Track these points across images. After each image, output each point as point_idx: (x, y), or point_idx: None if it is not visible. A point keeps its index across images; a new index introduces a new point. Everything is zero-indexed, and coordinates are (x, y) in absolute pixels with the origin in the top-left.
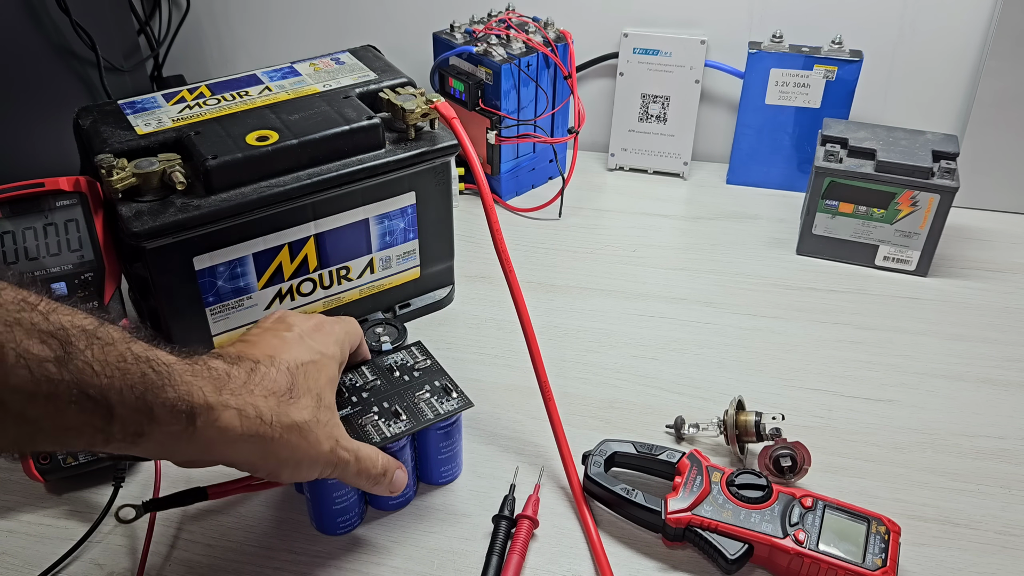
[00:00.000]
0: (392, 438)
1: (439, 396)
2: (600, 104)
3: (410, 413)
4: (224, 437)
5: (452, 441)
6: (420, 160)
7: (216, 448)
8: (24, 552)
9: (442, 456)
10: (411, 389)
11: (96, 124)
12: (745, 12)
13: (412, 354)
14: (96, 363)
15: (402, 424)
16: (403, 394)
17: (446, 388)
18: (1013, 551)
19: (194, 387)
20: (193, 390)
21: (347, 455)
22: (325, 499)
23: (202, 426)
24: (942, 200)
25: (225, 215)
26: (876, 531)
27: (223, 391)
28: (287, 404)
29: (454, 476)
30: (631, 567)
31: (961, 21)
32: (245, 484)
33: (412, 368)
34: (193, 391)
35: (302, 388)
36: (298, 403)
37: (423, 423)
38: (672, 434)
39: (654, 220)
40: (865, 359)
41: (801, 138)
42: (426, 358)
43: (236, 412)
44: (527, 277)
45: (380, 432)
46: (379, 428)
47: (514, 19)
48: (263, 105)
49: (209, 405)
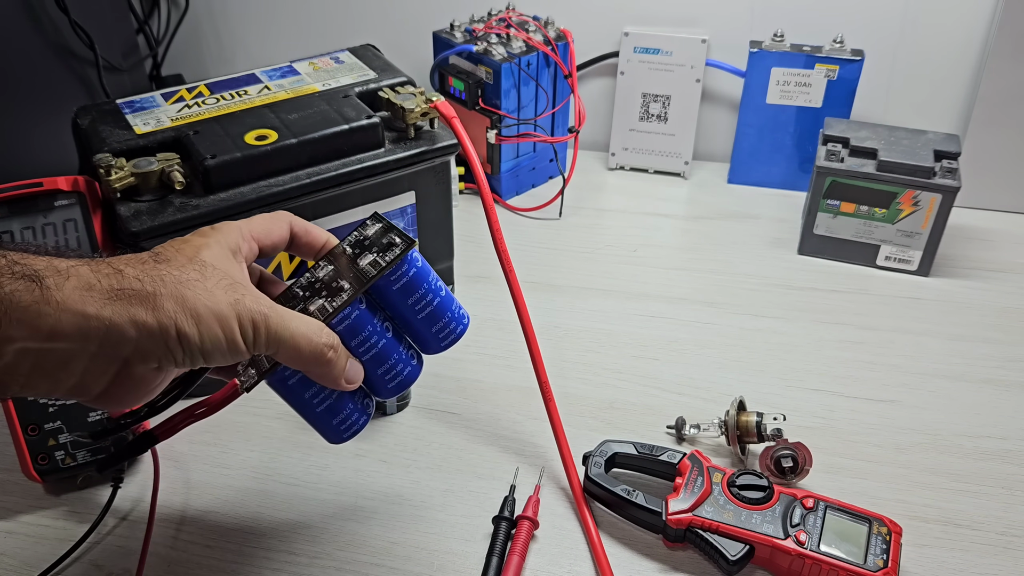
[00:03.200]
0: (335, 311)
1: (383, 252)
2: (600, 103)
3: (354, 281)
4: (88, 300)
5: (423, 292)
6: (420, 160)
7: (89, 314)
8: (23, 553)
9: (421, 315)
10: (357, 259)
11: (95, 123)
12: (746, 11)
13: (364, 227)
14: None
15: (344, 293)
16: (350, 267)
17: (390, 242)
18: (1015, 552)
19: (32, 258)
20: (31, 260)
21: (262, 308)
22: (303, 403)
23: (55, 287)
24: (944, 200)
25: (224, 215)
26: (877, 532)
27: (67, 258)
28: (153, 266)
29: (455, 333)
30: (632, 568)
31: (962, 20)
32: (191, 413)
33: (363, 241)
34: (31, 260)
35: (170, 255)
36: (168, 264)
37: (366, 283)
38: (673, 435)
39: (655, 220)
40: (867, 359)
41: (802, 137)
42: (377, 222)
43: (88, 269)
44: (527, 277)
45: (324, 312)
46: (324, 310)
47: (514, 18)
48: (262, 104)
49: (55, 267)
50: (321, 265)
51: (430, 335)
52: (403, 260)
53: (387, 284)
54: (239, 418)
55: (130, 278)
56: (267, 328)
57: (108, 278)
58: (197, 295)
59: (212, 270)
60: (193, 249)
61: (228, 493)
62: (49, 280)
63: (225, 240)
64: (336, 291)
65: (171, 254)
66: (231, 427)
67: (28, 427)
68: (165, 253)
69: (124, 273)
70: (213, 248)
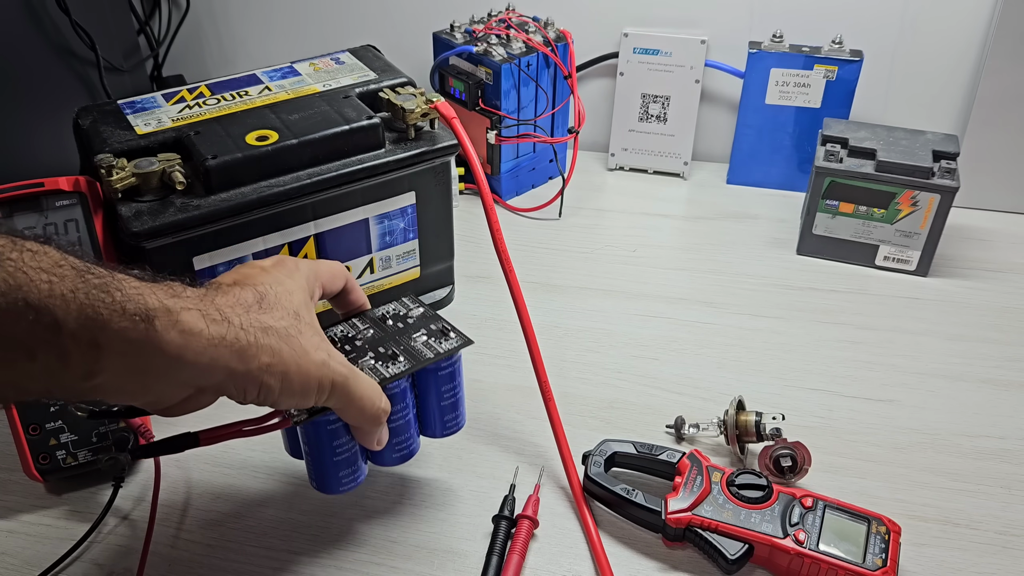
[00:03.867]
0: (392, 378)
1: (436, 338)
2: (600, 104)
3: (408, 355)
4: (192, 344)
5: (455, 384)
6: (420, 160)
7: (187, 359)
8: (24, 552)
9: (445, 403)
10: (406, 334)
11: (96, 124)
12: (745, 12)
13: (404, 304)
14: (29, 269)
15: (401, 364)
16: (399, 339)
17: (443, 330)
18: (1013, 551)
19: (145, 291)
20: (145, 293)
21: (344, 370)
22: (325, 449)
23: (163, 329)
24: (942, 200)
25: (225, 215)
26: (876, 531)
27: (180, 296)
28: (258, 312)
29: (458, 426)
30: (631, 567)
31: (962, 20)
32: (238, 428)
33: (406, 316)
34: (145, 294)
35: (273, 302)
36: (272, 313)
37: (423, 362)
38: (672, 434)
39: (654, 220)
40: (865, 359)
41: (801, 138)
42: (418, 306)
43: (199, 313)
44: (527, 277)
45: (379, 374)
46: (377, 371)
47: (514, 19)
48: (263, 105)
49: (166, 307)
50: (358, 324)
51: (441, 422)
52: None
53: (435, 368)
54: None
55: (235, 328)
56: (343, 389)
57: (215, 325)
58: (293, 351)
59: (307, 326)
60: (289, 297)
61: (229, 493)
62: (159, 322)
63: (307, 285)
64: (389, 358)
65: (273, 301)
66: None
67: (29, 427)
68: (268, 299)
69: (232, 322)
70: (300, 294)
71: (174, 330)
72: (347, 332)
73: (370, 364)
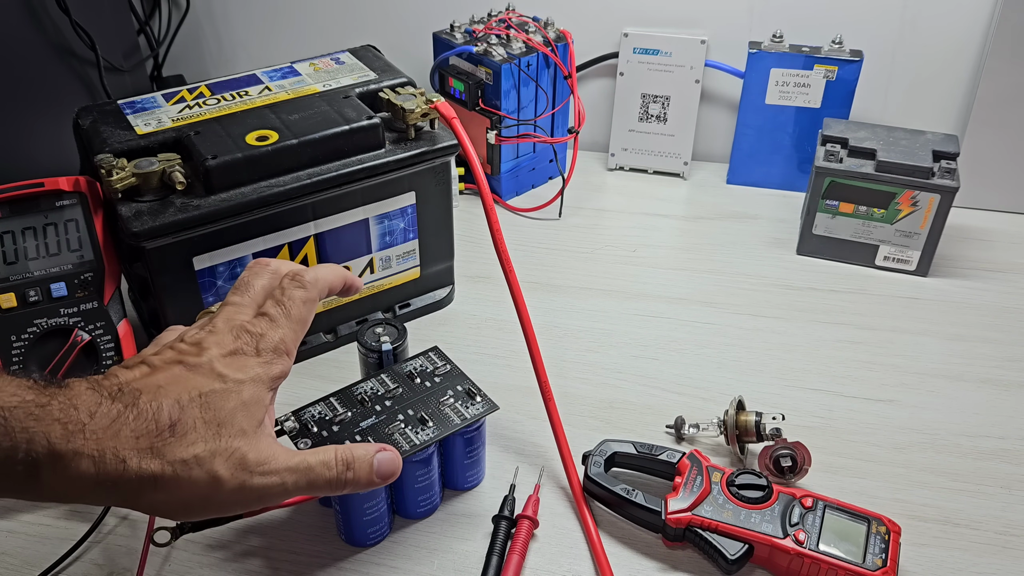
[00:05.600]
0: (421, 446)
1: (463, 401)
2: (600, 104)
3: (436, 419)
4: (78, 488)
5: (477, 445)
6: (420, 160)
7: (76, 498)
8: (24, 552)
9: (468, 461)
10: (434, 395)
11: (96, 124)
12: (745, 12)
13: (431, 359)
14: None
15: (430, 431)
16: (427, 400)
17: (470, 392)
18: (1013, 551)
19: (37, 434)
20: (35, 437)
21: (273, 480)
22: (355, 511)
23: (49, 479)
24: (942, 200)
25: (225, 215)
26: (876, 531)
27: (76, 436)
28: (165, 443)
29: (479, 480)
30: (631, 567)
31: (961, 21)
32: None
33: (432, 374)
34: (35, 438)
35: (191, 422)
36: (184, 439)
37: (451, 429)
38: (672, 434)
39: (654, 220)
40: (865, 359)
41: (801, 138)
42: (445, 363)
43: (91, 459)
44: (527, 277)
45: (409, 440)
46: (407, 436)
47: (514, 19)
48: (263, 105)
49: (56, 454)
50: (388, 382)
51: (463, 477)
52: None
53: (461, 432)
54: None
55: (131, 470)
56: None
57: (108, 465)
58: (206, 484)
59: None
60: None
61: None
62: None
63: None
64: (418, 422)
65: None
66: None
67: None
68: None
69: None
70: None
71: (62, 479)
72: (377, 390)
73: (400, 429)
